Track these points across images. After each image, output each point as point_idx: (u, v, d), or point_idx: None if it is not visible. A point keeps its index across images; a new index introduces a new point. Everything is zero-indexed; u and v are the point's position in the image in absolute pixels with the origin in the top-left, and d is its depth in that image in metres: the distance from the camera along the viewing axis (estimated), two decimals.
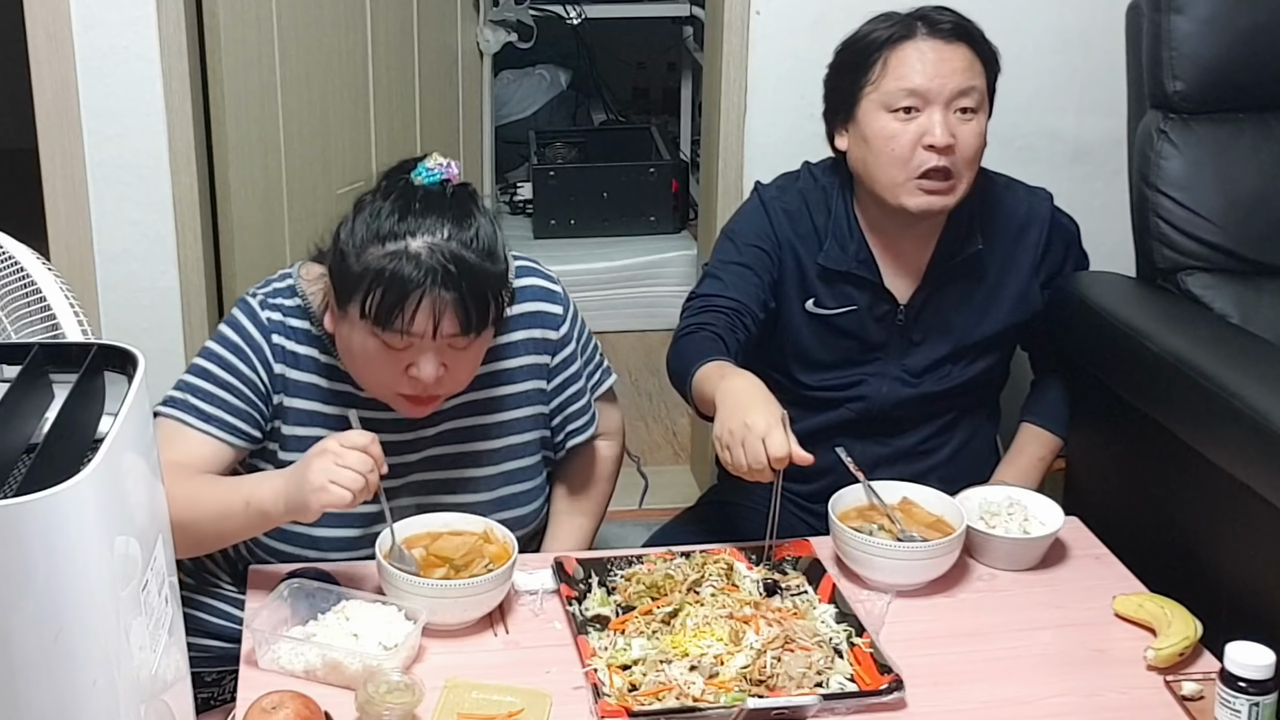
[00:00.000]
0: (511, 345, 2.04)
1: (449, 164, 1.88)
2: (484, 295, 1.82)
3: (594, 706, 1.68)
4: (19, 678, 1.22)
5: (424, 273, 1.77)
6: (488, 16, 3.98)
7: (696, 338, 2.14)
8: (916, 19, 2.15)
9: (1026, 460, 2.35)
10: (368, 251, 1.80)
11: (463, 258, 1.79)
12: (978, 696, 1.75)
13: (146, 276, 2.81)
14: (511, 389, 2.05)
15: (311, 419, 1.97)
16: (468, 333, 1.82)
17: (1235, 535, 1.99)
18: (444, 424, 2.01)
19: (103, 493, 1.24)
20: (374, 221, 1.82)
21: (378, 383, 1.90)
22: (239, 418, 1.95)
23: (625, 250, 4.20)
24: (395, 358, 1.83)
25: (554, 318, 2.07)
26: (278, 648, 1.75)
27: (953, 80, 2.10)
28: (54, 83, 2.67)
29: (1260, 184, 2.33)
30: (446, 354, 1.84)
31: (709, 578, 1.92)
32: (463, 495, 2.03)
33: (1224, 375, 1.96)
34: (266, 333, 1.96)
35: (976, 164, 2.15)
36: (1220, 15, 2.31)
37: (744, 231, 2.27)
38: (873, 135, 2.13)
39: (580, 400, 2.11)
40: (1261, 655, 1.63)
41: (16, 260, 1.81)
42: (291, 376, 1.97)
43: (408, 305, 1.77)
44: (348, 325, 1.85)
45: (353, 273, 1.81)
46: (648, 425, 3.57)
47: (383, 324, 1.79)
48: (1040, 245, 2.29)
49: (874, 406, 2.30)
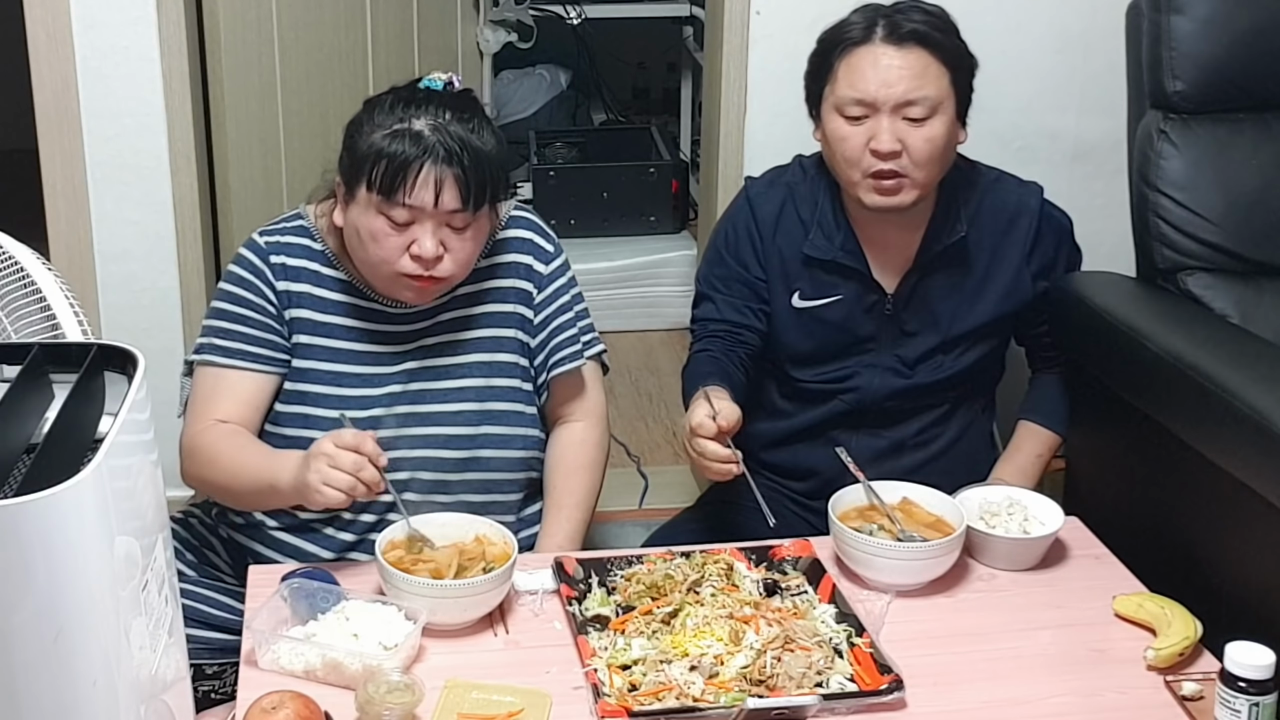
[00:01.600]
0: (502, 266, 2.14)
1: (451, 76, 2.05)
2: (483, 171, 1.95)
3: (594, 706, 1.68)
4: (19, 678, 1.22)
5: (426, 147, 1.93)
6: (488, 16, 3.98)
7: (696, 367, 2.25)
8: (881, 19, 2.17)
9: (1024, 458, 2.35)
10: (375, 133, 1.96)
11: (463, 136, 1.95)
12: (978, 696, 1.75)
13: (146, 276, 2.81)
14: (498, 307, 2.14)
15: (314, 328, 2.09)
16: (467, 206, 1.95)
17: (1235, 535, 1.99)
18: (438, 336, 2.11)
19: (103, 493, 1.24)
20: (380, 112, 1.99)
21: (382, 265, 1.99)
22: (260, 345, 2.08)
23: (625, 250, 4.20)
24: (399, 237, 1.96)
25: (545, 252, 2.17)
26: (278, 648, 1.75)
27: (899, 88, 2.12)
28: (54, 83, 2.67)
29: (1260, 184, 2.33)
30: (445, 234, 1.97)
31: (709, 578, 1.92)
32: (453, 404, 2.10)
33: (1224, 375, 1.96)
34: (265, 255, 2.09)
35: (934, 164, 2.17)
36: (1220, 15, 2.31)
37: (730, 240, 2.32)
38: (829, 136, 2.20)
39: (567, 332, 2.18)
40: (1261, 655, 1.63)
41: (16, 260, 1.81)
42: (295, 289, 2.09)
43: (410, 175, 1.92)
44: (355, 209, 1.99)
45: (360, 153, 1.97)
46: (648, 425, 3.57)
47: (387, 194, 1.93)
48: (1030, 236, 2.30)
49: (867, 399, 2.31)
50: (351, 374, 2.09)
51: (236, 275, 2.10)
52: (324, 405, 2.08)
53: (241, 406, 2.07)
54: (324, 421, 2.05)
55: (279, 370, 2.09)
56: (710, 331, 2.31)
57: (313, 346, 2.09)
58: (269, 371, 2.08)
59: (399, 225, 1.95)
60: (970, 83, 2.21)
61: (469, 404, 2.12)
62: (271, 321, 2.08)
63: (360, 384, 2.09)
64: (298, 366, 2.09)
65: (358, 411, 2.05)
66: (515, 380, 2.15)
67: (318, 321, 2.09)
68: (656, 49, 5.14)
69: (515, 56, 4.62)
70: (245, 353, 2.07)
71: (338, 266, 2.10)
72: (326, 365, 2.09)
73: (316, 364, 2.09)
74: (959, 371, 2.32)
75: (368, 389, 2.09)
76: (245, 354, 2.07)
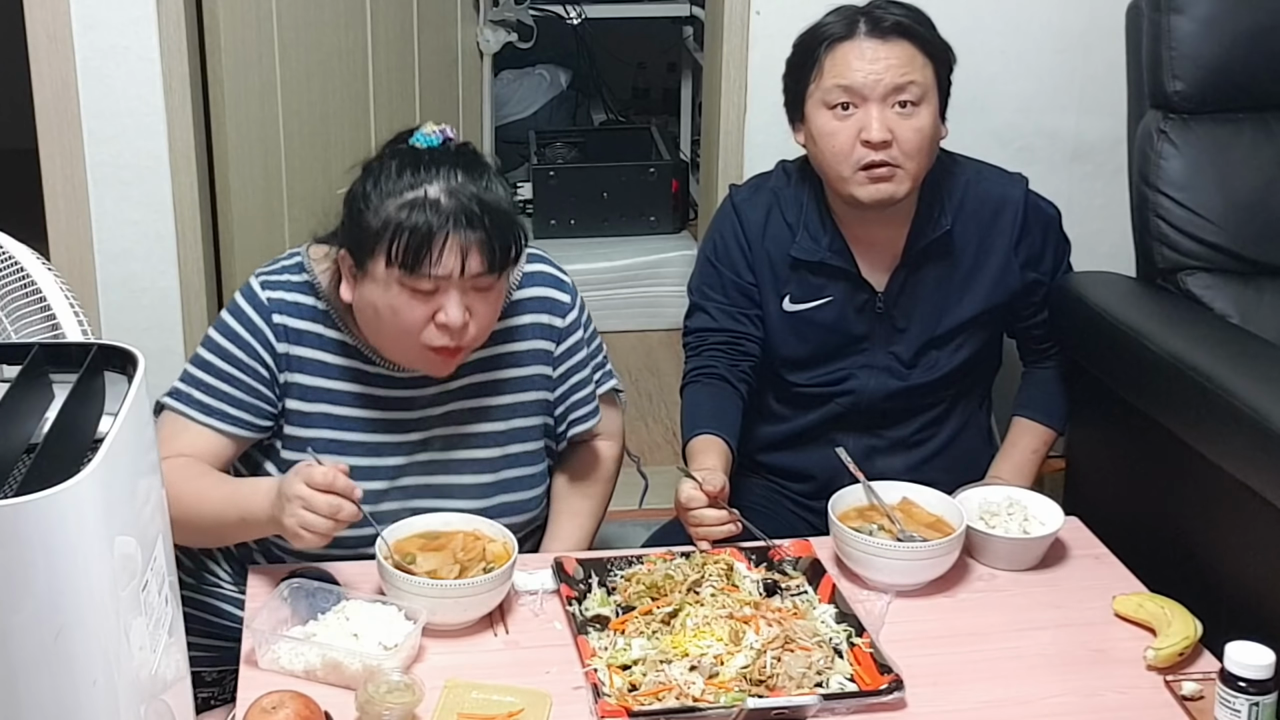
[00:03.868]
0: (519, 329, 2.06)
1: (444, 128, 1.91)
2: (506, 232, 1.85)
3: (594, 706, 1.68)
4: (19, 678, 1.22)
5: (446, 214, 1.81)
6: (488, 16, 3.98)
7: (698, 393, 2.26)
8: (862, 14, 2.17)
9: (1020, 455, 2.35)
10: (385, 204, 1.83)
11: (482, 198, 1.83)
12: (978, 696, 1.75)
13: (146, 276, 2.81)
14: (517, 372, 2.06)
15: (317, 394, 1.99)
16: (493, 270, 1.85)
17: (1235, 535, 1.99)
18: (450, 404, 2.02)
19: (103, 493, 1.24)
20: (386, 179, 1.85)
21: (404, 337, 1.89)
22: (241, 408, 1.96)
23: (625, 250, 4.20)
24: (422, 307, 1.85)
25: (562, 305, 2.09)
26: (278, 648, 1.75)
27: (888, 76, 2.12)
28: (54, 83, 2.67)
29: (1260, 184, 2.33)
30: (470, 297, 1.86)
31: (709, 578, 1.92)
32: (466, 476, 2.04)
33: (1224, 375, 1.96)
34: (267, 314, 1.97)
35: (923, 155, 2.16)
36: (1220, 15, 2.31)
37: (719, 251, 2.31)
38: (817, 132, 2.19)
39: (584, 389, 2.12)
40: (1261, 655, 1.63)
41: (16, 260, 1.81)
42: (296, 353, 1.98)
43: (434, 245, 1.81)
44: (370, 285, 1.87)
45: (372, 228, 1.83)
46: (648, 425, 3.57)
47: (410, 268, 1.82)
48: (1016, 226, 2.28)
49: (864, 401, 2.31)
50: (357, 443, 1.99)
51: (232, 331, 1.97)
52: None
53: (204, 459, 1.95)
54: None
55: (250, 435, 1.98)
56: (709, 344, 2.29)
57: (314, 414, 1.98)
58: (239, 435, 1.97)
59: (422, 296, 1.84)
60: (950, 77, 2.21)
61: (483, 475, 2.05)
62: (262, 387, 1.96)
63: (366, 453, 1.98)
64: (297, 435, 1.98)
65: (365, 483, 1.87)
66: (533, 444, 2.09)
67: (320, 388, 1.98)
68: (656, 49, 5.14)
69: (515, 56, 4.62)
70: (225, 414, 1.95)
71: (341, 329, 1.98)
72: (330, 434, 1.98)
73: (319, 432, 1.98)
74: (954, 369, 2.32)
75: (374, 458, 1.98)
76: (225, 415, 1.95)
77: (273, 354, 1.96)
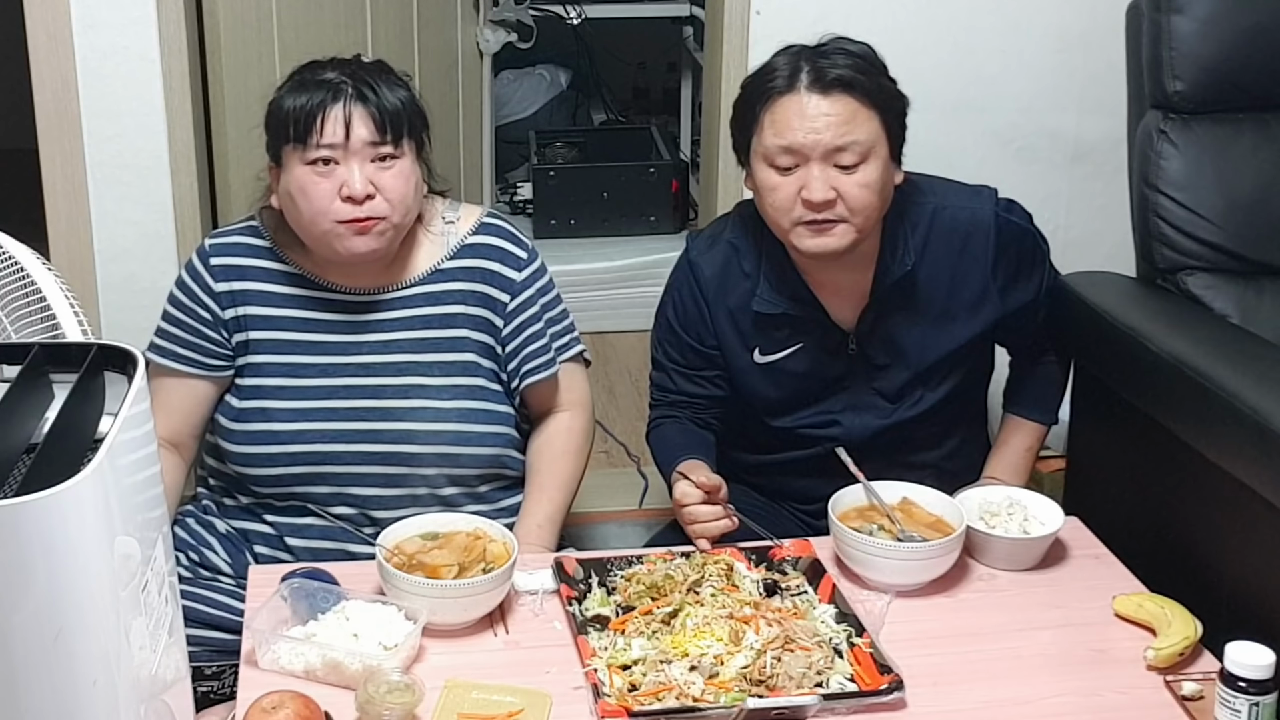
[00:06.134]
0: (468, 270, 2.16)
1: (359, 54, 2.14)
2: (393, 103, 2.04)
3: (594, 706, 1.68)
4: (19, 678, 1.22)
5: (331, 86, 2.02)
6: (488, 16, 3.98)
7: (667, 429, 2.28)
8: (805, 63, 2.07)
9: (1013, 453, 2.33)
10: (286, 97, 2.05)
11: (369, 78, 2.04)
12: (978, 696, 1.75)
13: (146, 276, 2.81)
14: (462, 309, 2.17)
15: (267, 323, 2.14)
16: (384, 137, 2.02)
17: (1235, 535, 1.99)
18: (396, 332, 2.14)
19: (103, 493, 1.24)
20: (291, 79, 2.08)
21: (319, 218, 2.03)
22: (194, 350, 2.15)
23: (625, 250, 4.20)
24: (326, 182, 2.01)
25: (516, 258, 2.19)
26: (278, 648, 1.75)
27: (827, 135, 2.03)
28: (54, 83, 2.67)
29: (1260, 184, 2.33)
30: (371, 171, 2.02)
31: (709, 578, 1.92)
32: (416, 400, 2.13)
33: (1224, 375, 1.96)
34: (206, 257, 2.16)
35: (870, 208, 2.07)
36: (1220, 15, 2.31)
37: (679, 312, 2.26)
38: (759, 185, 2.11)
39: (538, 342, 2.19)
40: (1261, 655, 1.63)
41: (16, 260, 1.81)
42: (240, 288, 2.14)
43: (316, 114, 2.00)
44: (285, 175, 2.05)
45: (276, 118, 2.05)
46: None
47: (303, 140, 2.01)
48: (990, 250, 2.19)
49: (852, 439, 2.21)
50: (307, 364, 2.13)
51: (179, 280, 2.18)
52: (281, 397, 2.12)
53: (174, 416, 2.15)
54: (282, 414, 2.10)
55: (215, 375, 2.16)
56: (670, 401, 2.31)
57: (264, 341, 2.14)
58: (203, 376, 2.16)
59: (323, 171, 2.00)
60: (903, 122, 2.12)
61: (435, 401, 2.14)
62: (206, 328, 2.15)
63: (317, 374, 2.13)
64: (251, 362, 2.14)
65: (315, 401, 2.09)
66: (478, 379, 2.17)
67: (268, 316, 2.14)
68: (656, 49, 5.14)
69: (515, 56, 4.62)
70: (179, 355, 2.15)
71: (287, 260, 2.14)
72: (281, 358, 2.14)
73: (270, 357, 2.14)
74: (939, 402, 2.25)
75: (324, 379, 2.13)
76: (179, 356, 2.15)
77: (212, 295, 2.14)
